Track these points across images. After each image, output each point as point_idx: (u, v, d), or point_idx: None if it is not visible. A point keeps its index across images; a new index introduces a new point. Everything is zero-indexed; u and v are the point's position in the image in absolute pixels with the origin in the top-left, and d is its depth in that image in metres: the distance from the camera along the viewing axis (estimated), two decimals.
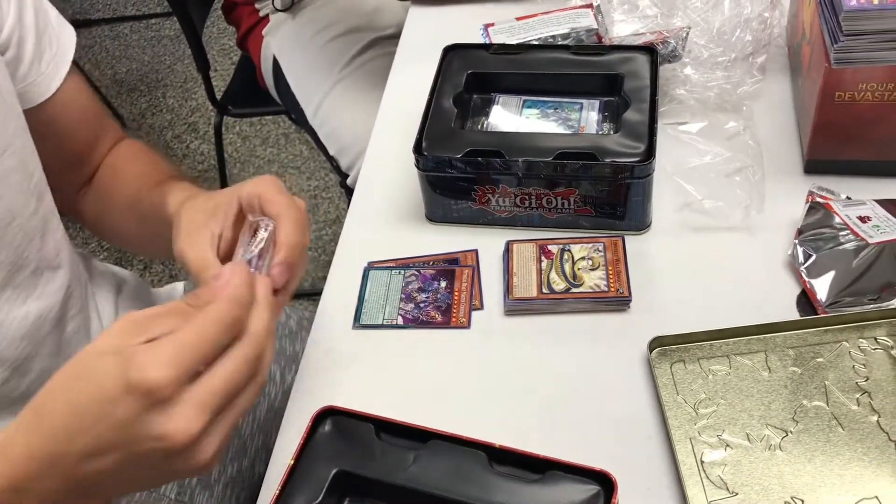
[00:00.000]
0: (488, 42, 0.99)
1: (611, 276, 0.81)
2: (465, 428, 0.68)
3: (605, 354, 0.78)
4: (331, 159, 1.50)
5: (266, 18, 1.55)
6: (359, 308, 0.84)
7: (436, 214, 0.92)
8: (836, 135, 0.87)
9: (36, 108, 0.81)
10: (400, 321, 0.83)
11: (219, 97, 1.77)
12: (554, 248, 0.84)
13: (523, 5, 1.11)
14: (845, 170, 0.89)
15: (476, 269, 0.86)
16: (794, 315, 0.79)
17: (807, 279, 0.80)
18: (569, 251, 0.84)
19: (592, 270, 0.82)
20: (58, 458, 0.51)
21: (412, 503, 0.65)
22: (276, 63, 1.53)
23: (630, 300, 0.80)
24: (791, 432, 0.70)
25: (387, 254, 0.89)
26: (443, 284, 0.85)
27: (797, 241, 0.82)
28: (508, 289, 0.82)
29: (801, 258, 0.81)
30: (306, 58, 1.49)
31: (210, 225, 0.69)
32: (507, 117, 0.93)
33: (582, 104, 0.93)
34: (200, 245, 0.68)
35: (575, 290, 0.81)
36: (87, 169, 0.90)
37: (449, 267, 0.87)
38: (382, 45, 1.47)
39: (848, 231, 0.81)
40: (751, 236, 0.86)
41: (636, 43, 0.95)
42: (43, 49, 0.81)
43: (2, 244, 0.74)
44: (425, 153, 0.87)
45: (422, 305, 0.84)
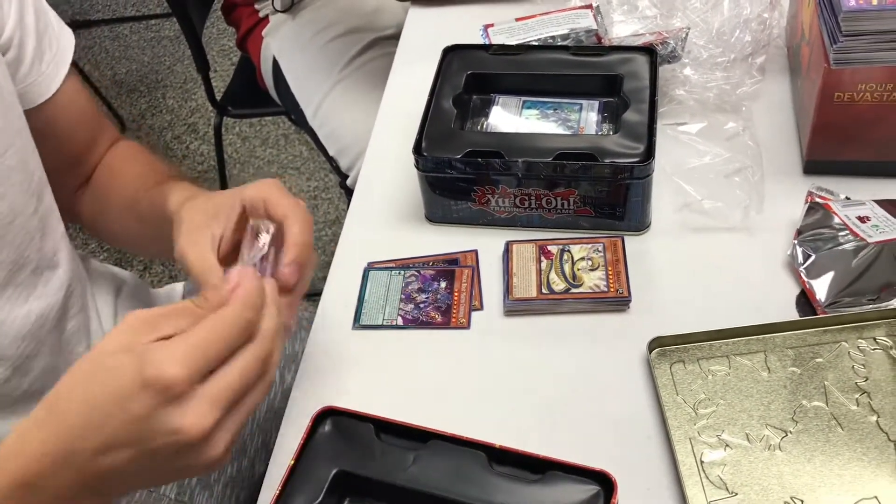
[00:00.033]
0: (488, 43, 0.99)
1: (610, 277, 0.81)
2: (465, 428, 0.68)
3: (605, 355, 0.78)
4: (330, 160, 1.50)
5: (266, 19, 1.55)
6: (359, 308, 0.85)
7: (435, 215, 0.92)
8: (836, 135, 0.87)
9: (35, 109, 0.81)
10: (400, 321, 0.83)
11: (218, 98, 1.77)
12: (553, 249, 0.85)
13: (523, 6, 1.11)
14: (844, 170, 0.89)
15: (476, 270, 0.87)
16: (794, 315, 0.79)
17: (806, 279, 0.80)
18: (568, 252, 0.84)
19: (592, 271, 0.82)
20: (72, 455, 0.52)
21: (412, 503, 0.65)
22: (276, 64, 1.53)
23: (629, 300, 0.81)
24: (790, 432, 0.70)
25: (387, 254, 0.89)
26: (442, 285, 0.85)
27: (796, 242, 0.82)
28: (508, 289, 0.82)
29: (801, 258, 0.81)
30: (306, 58, 1.49)
31: (211, 226, 0.69)
32: (507, 118, 0.93)
33: (581, 105, 0.93)
34: (201, 246, 0.68)
35: (574, 291, 0.81)
36: (85, 170, 0.90)
37: (449, 267, 0.87)
38: (382, 46, 1.47)
39: (847, 231, 0.81)
40: (750, 237, 0.86)
41: (635, 44, 0.95)
42: (43, 50, 0.81)
43: (4, 243, 0.74)
44: (425, 154, 0.87)
45: (422, 306, 0.84)
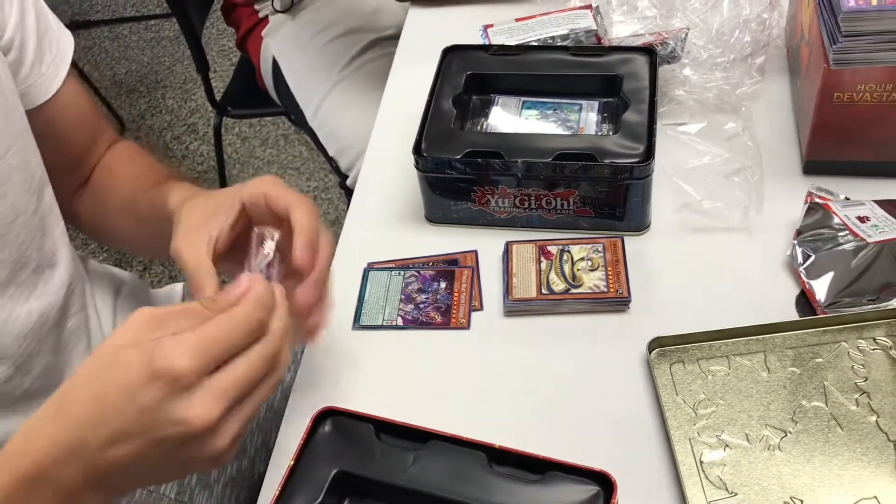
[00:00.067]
0: (487, 43, 0.99)
1: (610, 277, 0.82)
2: (465, 428, 0.68)
3: (605, 355, 0.78)
4: (330, 160, 1.50)
5: (265, 20, 1.55)
6: (358, 309, 0.85)
7: (435, 215, 0.92)
8: (835, 135, 0.87)
9: (35, 110, 0.81)
10: (399, 322, 0.83)
11: (218, 98, 1.77)
12: (553, 249, 0.85)
13: (522, 6, 1.11)
14: (844, 170, 0.89)
15: (475, 270, 0.87)
16: (793, 315, 0.79)
17: (806, 280, 0.80)
18: (568, 252, 0.84)
19: (592, 271, 0.82)
20: (79, 448, 0.52)
21: (412, 503, 0.65)
22: (276, 64, 1.53)
23: (629, 301, 0.81)
24: (790, 432, 0.70)
25: (386, 254, 0.89)
26: (442, 285, 0.85)
27: (796, 242, 0.82)
28: (508, 289, 0.82)
29: (800, 259, 0.81)
30: (306, 59, 1.49)
31: (209, 225, 0.69)
32: (507, 118, 0.93)
33: (581, 105, 0.93)
34: (197, 245, 0.69)
35: (574, 291, 0.81)
36: (84, 171, 0.90)
37: (448, 268, 0.87)
38: (382, 46, 1.47)
39: (847, 231, 0.81)
40: (750, 237, 0.86)
41: (635, 44, 0.95)
42: (44, 51, 0.81)
43: (5, 242, 0.75)
44: (425, 154, 0.87)
45: (421, 306, 0.84)
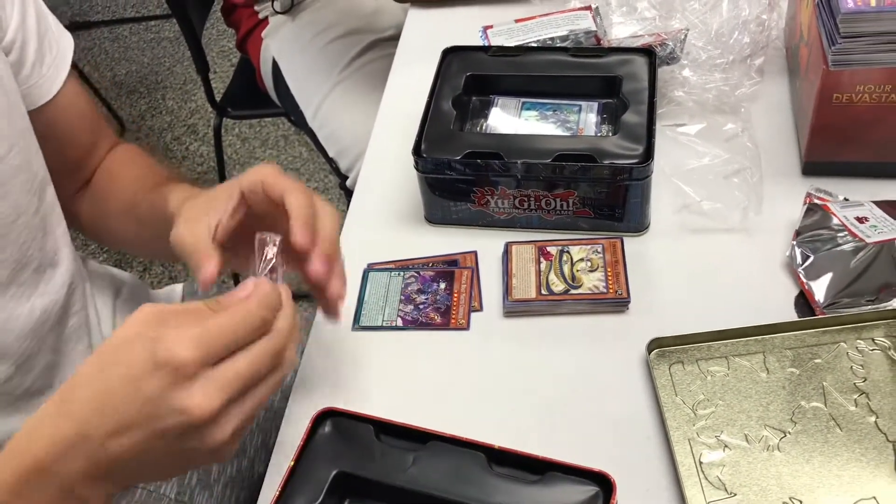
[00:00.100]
0: (487, 44, 0.99)
1: (609, 278, 0.82)
2: (465, 429, 0.68)
3: (604, 356, 0.78)
4: (330, 161, 1.50)
5: (265, 21, 1.55)
6: (358, 309, 0.85)
7: (435, 216, 0.92)
8: (834, 136, 0.87)
9: (36, 111, 0.82)
10: (399, 322, 0.83)
11: (218, 99, 1.77)
12: (553, 250, 0.85)
13: (522, 7, 1.11)
14: (843, 171, 0.89)
15: (475, 271, 0.87)
16: (793, 316, 0.79)
17: (805, 280, 0.80)
18: (568, 253, 0.84)
19: (591, 272, 0.82)
20: (84, 440, 0.53)
21: None
22: (276, 65, 1.53)
23: (629, 301, 0.81)
24: (789, 433, 0.70)
25: (386, 255, 0.89)
26: (442, 286, 0.85)
27: (795, 243, 0.82)
28: (507, 290, 0.82)
29: (799, 259, 0.81)
30: (306, 60, 1.49)
31: (209, 215, 0.70)
32: (506, 119, 0.93)
33: (581, 106, 0.93)
34: (198, 230, 0.69)
35: (574, 292, 0.81)
36: (84, 173, 0.91)
37: (448, 268, 0.87)
38: (382, 47, 1.47)
39: (846, 232, 0.81)
40: (749, 238, 0.86)
41: (634, 45, 0.95)
42: (44, 52, 0.81)
43: (7, 241, 0.75)
44: (424, 155, 0.87)
45: (421, 307, 0.84)
